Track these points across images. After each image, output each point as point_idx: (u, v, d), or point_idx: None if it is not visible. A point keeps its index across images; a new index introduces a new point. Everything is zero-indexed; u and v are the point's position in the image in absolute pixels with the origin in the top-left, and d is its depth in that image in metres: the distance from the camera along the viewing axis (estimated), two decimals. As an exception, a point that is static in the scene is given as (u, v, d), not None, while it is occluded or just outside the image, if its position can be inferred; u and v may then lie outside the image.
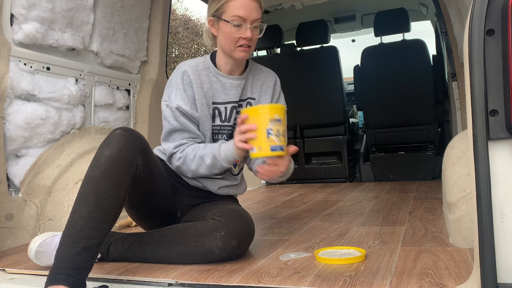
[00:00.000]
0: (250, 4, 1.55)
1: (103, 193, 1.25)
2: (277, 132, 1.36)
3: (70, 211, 1.26)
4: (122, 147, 1.32)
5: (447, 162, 1.62)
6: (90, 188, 1.26)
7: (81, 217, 1.22)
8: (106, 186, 1.26)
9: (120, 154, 1.31)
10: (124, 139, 1.34)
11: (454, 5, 2.65)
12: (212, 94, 1.62)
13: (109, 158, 1.29)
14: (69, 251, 1.17)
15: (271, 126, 1.36)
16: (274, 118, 1.36)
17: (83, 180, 1.29)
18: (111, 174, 1.28)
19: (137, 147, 1.38)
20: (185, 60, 1.70)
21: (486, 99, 0.96)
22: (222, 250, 1.37)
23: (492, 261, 0.95)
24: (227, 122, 1.65)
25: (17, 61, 1.93)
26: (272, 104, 1.44)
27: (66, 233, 1.21)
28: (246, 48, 1.57)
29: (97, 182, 1.26)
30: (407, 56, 3.66)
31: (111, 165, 1.29)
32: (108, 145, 1.32)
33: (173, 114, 1.57)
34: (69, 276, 1.13)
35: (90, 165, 1.31)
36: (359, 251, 1.40)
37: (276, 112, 1.36)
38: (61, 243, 1.21)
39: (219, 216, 1.44)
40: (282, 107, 1.38)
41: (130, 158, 1.34)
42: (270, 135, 1.36)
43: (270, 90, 1.74)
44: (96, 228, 1.22)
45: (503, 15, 0.95)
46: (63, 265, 1.15)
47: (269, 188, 3.61)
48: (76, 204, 1.26)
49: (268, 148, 1.36)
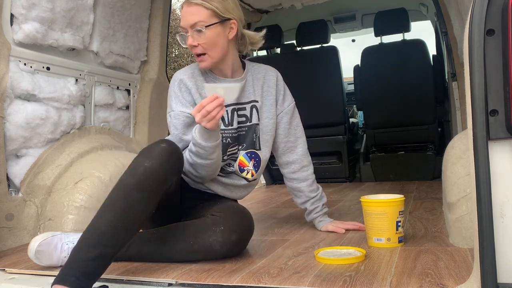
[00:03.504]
0: (186, 10, 1.50)
1: (132, 203, 1.23)
2: (402, 224, 1.49)
3: (96, 213, 1.24)
4: (164, 162, 1.30)
5: (447, 162, 1.62)
6: (121, 195, 1.24)
7: (105, 223, 1.21)
8: (138, 197, 1.24)
9: (160, 169, 1.28)
10: (168, 154, 1.31)
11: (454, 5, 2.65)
12: None
13: (148, 170, 1.27)
14: (84, 255, 1.16)
15: (400, 218, 1.47)
16: (402, 210, 1.48)
17: (116, 185, 1.27)
18: (146, 187, 1.26)
19: (176, 165, 1.36)
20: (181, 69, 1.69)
21: (486, 99, 0.96)
22: (222, 245, 1.37)
23: (492, 261, 0.95)
24: (230, 126, 1.62)
25: (17, 61, 1.93)
26: (401, 197, 1.50)
27: (86, 235, 1.20)
28: (199, 57, 1.53)
29: (130, 191, 1.24)
30: (407, 56, 3.65)
31: (149, 177, 1.26)
32: (150, 156, 1.29)
33: (177, 122, 1.55)
34: (77, 280, 1.12)
35: (126, 171, 1.29)
36: (359, 251, 1.40)
37: (403, 205, 1.49)
38: (78, 243, 1.20)
39: (219, 212, 1.44)
40: (404, 199, 1.50)
41: (168, 175, 1.32)
42: (399, 227, 1.47)
43: (273, 89, 1.72)
44: (117, 237, 1.21)
45: (503, 15, 0.95)
46: (75, 267, 1.15)
47: (269, 188, 3.61)
48: (102, 208, 1.24)
49: (396, 240, 1.48)
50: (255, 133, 1.67)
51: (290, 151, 1.78)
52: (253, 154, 1.67)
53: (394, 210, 1.46)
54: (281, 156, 1.79)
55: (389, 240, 1.47)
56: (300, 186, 1.78)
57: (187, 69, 1.65)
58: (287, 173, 1.80)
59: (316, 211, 1.80)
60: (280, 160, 1.80)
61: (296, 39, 3.95)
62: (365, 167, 3.90)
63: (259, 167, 1.69)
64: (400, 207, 1.47)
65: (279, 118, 1.74)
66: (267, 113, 1.70)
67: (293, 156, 1.78)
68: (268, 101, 1.71)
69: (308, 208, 1.81)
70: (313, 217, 1.82)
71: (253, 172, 1.68)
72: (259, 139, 1.68)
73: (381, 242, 1.48)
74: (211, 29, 1.49)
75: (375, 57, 3.78)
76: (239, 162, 1.65)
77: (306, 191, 1.78)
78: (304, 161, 1.79)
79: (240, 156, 1.65)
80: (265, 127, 1.69)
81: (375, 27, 3.79)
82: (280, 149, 1.77)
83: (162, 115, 2.80)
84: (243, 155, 1.65)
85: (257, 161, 1.68)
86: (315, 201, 1.80)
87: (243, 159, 1.66)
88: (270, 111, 1.71)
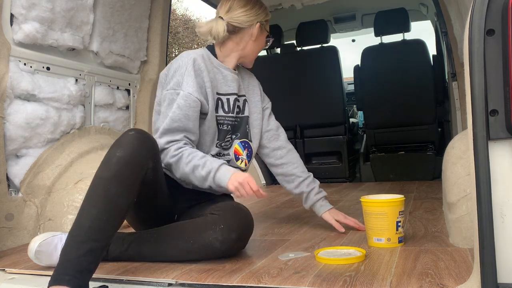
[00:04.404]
0: None
1: (112, 196, 1.24)
2: (402, 224, 1.49)
3: (78, 211, 1.24)
4: (136, 149, 1.30)
5: (447, 162, 1.62)
6: (100, 189, 1.25)
7: (89, 219, 1.21)
8: (117, 188, 1.25)
9: (132, 156, 1.29)
10: (138, 141, 1.32)
11: (454, 5, 2.65)
12: (215, 85, 1.63)
13: (121, 159, 1.27)
14: (74, 252, 1.17)
15: (400, 218, 1.47)
16: (402, 210, 1.48)
17: (93, 180, 1.27)
18: (122, 176, 1.26)
19: (149, 150, 1.36)
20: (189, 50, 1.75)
21: (486, 99, 0.96)
22: (222, 244, 1.37)
23: (492, 261, 0.95)
24: (231, 113, 1.68)
25: (17, 61, 1.93)
26: (401, 197, 1.50)
27: (73, 233, 1.21)
28: None
29: (107, 183, 1.25)
30: (407, 56, 3.66)
31: (123, 166, 1.27)
32: (121, 146, 1.29)
33: (185, 103, 1.51)
34: (73, 278, 1.13)
35: (100, 165, 1.29)
36: (359, 251, 1.40)
37: (403, 205, 1.49)
38: (67, 243, 1.21)
39: (218, 211, 1.44)
40: (404, 199, 1.50)
41: (142, 161, 1.31)
42: (399, 227, 1.48)
43: (257, 90, 1.83)
44: (103, 230, 1.22)
45: (503, 15, 0.95)
46: (68, 265, 1.15)
47: (269, 188, 3.61)
48: (84, 204, 1.25)
49: (396, 240, 1.48)
50: (248, 125, 1.75)
51: (274, 139, 1.84)
52: (246, 144, 1.73)
53: (394, 210, 1.46)
54: (267, 145, 1.82)
55: (389, 240, 1.47)
56: (290, 169, 1.80)
57: (195, 51, 1.66)
58: (276, 160, 1.82)
59: (315, 192, 1.77)
60: (267, 150, 1.83)
61: (296, 39, 3.95)
62: (365, 167, 3.90)
63: (251, 157, 1.76)
64: (400, 207, 1.47)
65: (263, 112, 1.83)
66: (254, 108, 1.79)
67: (278, 143, 1.83)
68: (254, 97, 1.80)
69: (305, 191, 1.77)
70: (313, 201, 1.77)
71: (246, 162, 1.72)
72: (250, 130, 1.76)
73: (381, 242, 1.48)
74: None
75: (375, 57, 3.78)
76: (234, 150, 1.69)
77: (298, 172, 1.80)
78: (289, 145, 1.86)
79: (235, 144, 1.70)
80: (254, 121, 1.78)
81: (375, 27, 3.79)
82: (265, 138, 1.82)
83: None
84: (238, 143, 1.70)
85: (249, 151, 1.74)
86: (309, 182, 1.78)
87: (238, 147, 1.70)
88: (257, 106, 1.80)
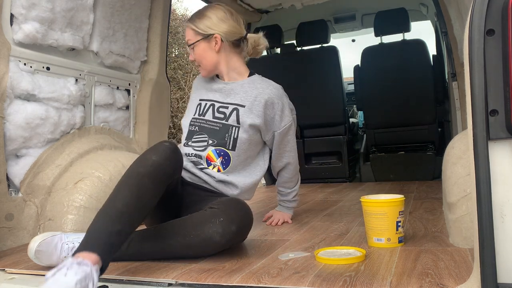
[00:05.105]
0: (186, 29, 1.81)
1: (145, 189, 1.30)
2: (402, 224, 1.50)
3: (110, 194, 1.30)
4: (169, 157, 1.38)
5: (447, 162, 1.62)
6: (133, 181, 1.31)
7: (122, 203, 1.26)
8: (150, 185, 1.31)
9: (165, 163, 1.37)
10: (171, 151, 1.40)
11: (454, 5, 2.65)
12: (200, 93, 1.89)
13: (156, 163, 1.34)
14: (106, 227, 1.21)
15: (400, 218, 1.48)
16: (402, 210, 1.48)
17: (128, 172, 1.34)
18: (155, 177, 1.33)
19: (179, 162, 1.47)
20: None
21: (486, 99, 0.96)
22: (222, 236, 1.38)
23: (492, 261, 0.95)
24: (202, 116, 1.79)
25: (17, 61, 1.93)
26: (401, 197, 1.50)
27: (106, 210, 1.25)
28: (199, 67, 1.85)
29: (142, 178, 1.31)
30: (407, 56, 3.65)
31: (157, 169, 1.34)
32: (157, 152, 1.37)
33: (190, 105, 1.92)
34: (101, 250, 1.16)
35: (135, 163, 1.36)
36: (359, 251, 1.40)
37: (403, 205, 1.49)
38: (98, 217, 1.25)
39: (217, 205, 1.46)
40: (404, 199, 1.50)
41: (172, 170, 1.40)
42: (399, 227, 1.48)
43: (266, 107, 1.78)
44: (133, 218, 1.27)
45: (503, 15, 0.95)
46: (98, 236, 1.19)
47: (269, 188, 3.61)
48: (116, 190, 1.30)
49: (396, 240, 1.48)
50: (228, 133, 1.75)
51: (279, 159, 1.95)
52: (222, 152, 1.75)
53: (394, 210, 1.46)
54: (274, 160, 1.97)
55: (389, 240, 1.47)
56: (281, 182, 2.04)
57: None
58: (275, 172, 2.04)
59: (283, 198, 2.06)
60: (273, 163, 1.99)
61: (296, 39, 3.95)
62: (365, 167, 3.90)
63: (228, 165, 1.75)
64: (400, 207, 1.47)
65: (275, 135, 1.85)
66: (250, 120, 1.76)
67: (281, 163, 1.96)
68: (256, 110, 1.77)
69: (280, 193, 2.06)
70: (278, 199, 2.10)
71: (219, 168, 1.75)
72: (233, 139, 1.74)
73: (381, 242, 1.48)
74: (197, 46, 1.78)
75: (375, 57, 3.78)
76: (207, 155, 1.75)
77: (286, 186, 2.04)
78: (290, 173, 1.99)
79: (209, 151, 1.75)
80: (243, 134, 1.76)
81: (375, 27, 3.79)
82: (273, 155, 1.96)
83: (162, 115, 2.81)
84: (212, 150, 1.75)
85: (226, 159, 1.75)
86: (288, 193, 2.03)
87: (211, 153, 1.75)
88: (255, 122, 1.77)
